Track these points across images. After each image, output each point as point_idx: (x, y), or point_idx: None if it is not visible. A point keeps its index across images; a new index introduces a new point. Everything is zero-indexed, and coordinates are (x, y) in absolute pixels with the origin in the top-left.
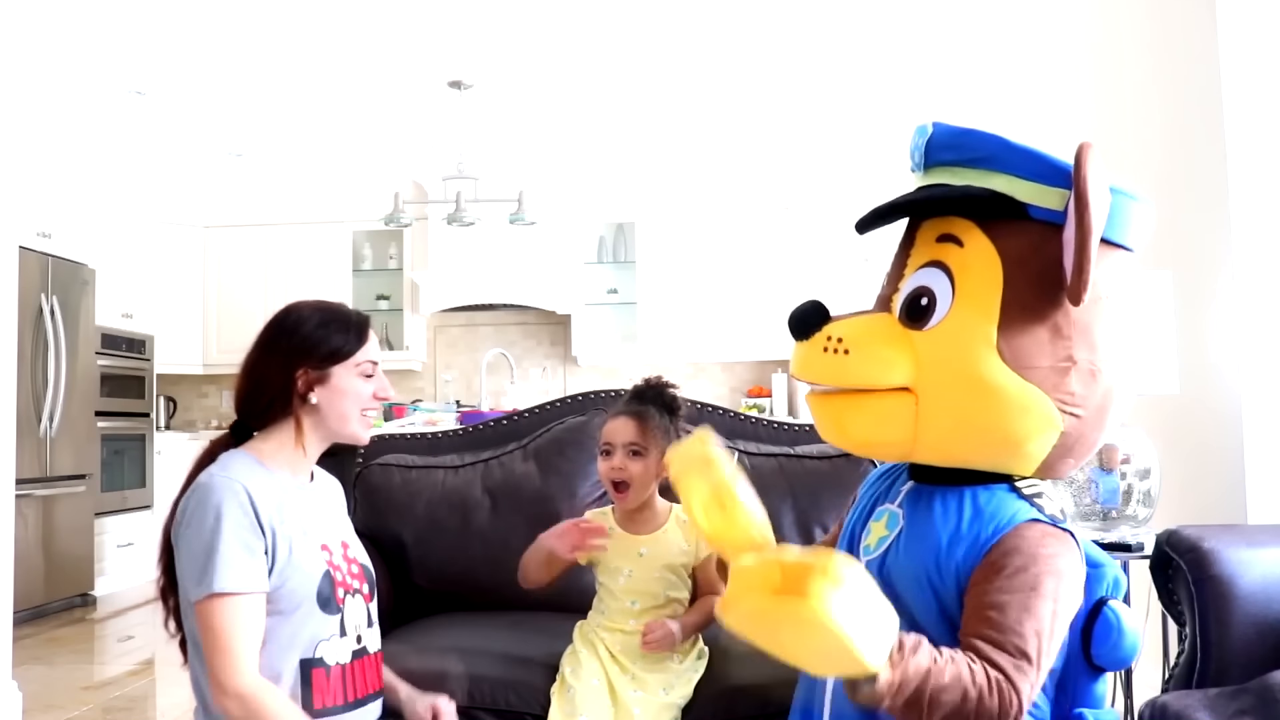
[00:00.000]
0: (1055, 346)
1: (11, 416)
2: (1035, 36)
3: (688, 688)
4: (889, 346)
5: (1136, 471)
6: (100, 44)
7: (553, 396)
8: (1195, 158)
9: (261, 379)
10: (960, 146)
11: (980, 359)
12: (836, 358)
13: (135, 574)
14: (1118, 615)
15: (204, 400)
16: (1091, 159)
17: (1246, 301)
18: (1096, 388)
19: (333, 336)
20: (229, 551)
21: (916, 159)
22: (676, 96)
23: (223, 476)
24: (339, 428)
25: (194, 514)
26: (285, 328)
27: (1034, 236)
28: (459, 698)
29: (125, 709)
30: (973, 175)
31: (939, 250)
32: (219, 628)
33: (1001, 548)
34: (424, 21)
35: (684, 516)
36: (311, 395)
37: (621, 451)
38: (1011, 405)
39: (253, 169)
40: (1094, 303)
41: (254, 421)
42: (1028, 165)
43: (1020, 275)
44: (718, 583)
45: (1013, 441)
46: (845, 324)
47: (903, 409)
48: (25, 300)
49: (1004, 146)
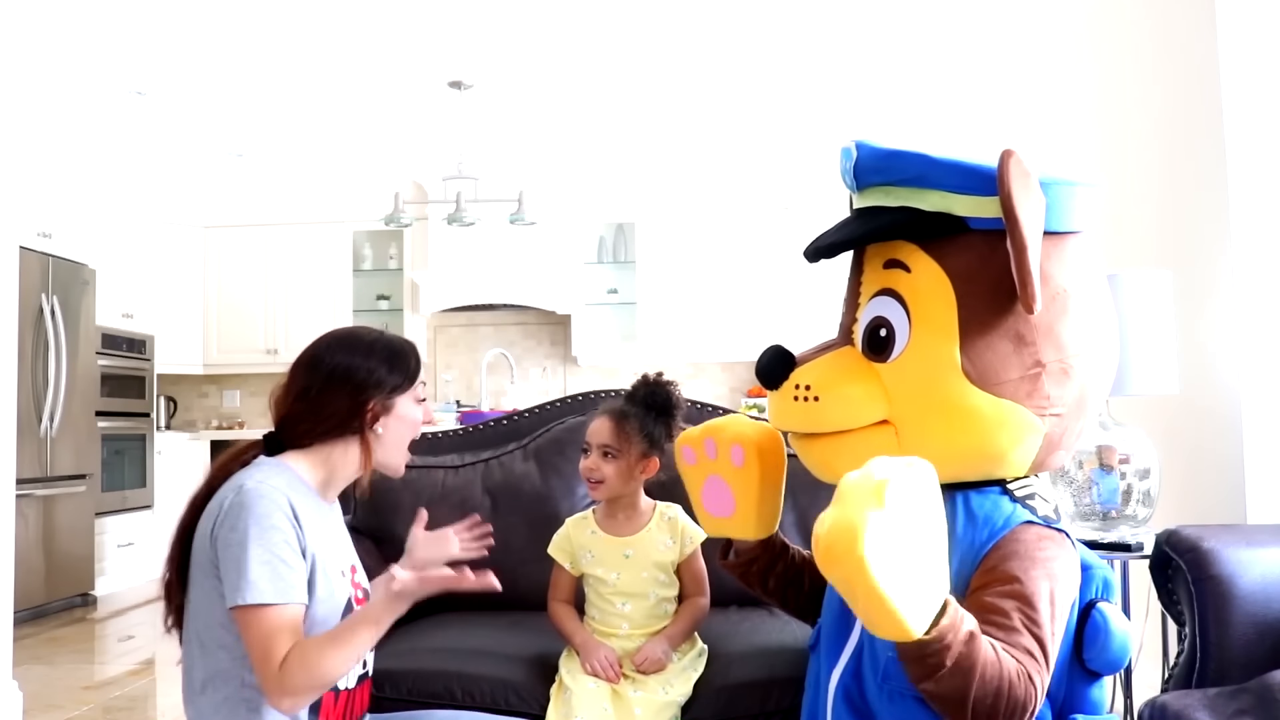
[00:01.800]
0: (1021, 356)
1: (12, 416)
2: (1035, 37)
3: (687, 685)
4: (857, 385)
5: (1136, 471)
6: (100, 44)
7: (553, 396)
8: (1195, 157)
9: (325, 408)
10: (888, 169)
11: (947, 385)
12: (808, 405)
13: (135, 574)
14: (1106, 617)
15: (204, 400)
16: (1013, 170)
17: (1246, 301)
18: (1071, 384)
19: (398, 367)
20: (283, 563)
21: (848, 181)
22: (676, 97)
23: (268, 485)
24: (392, 458)
25: (241, 520)
26: (351, 359)
27: (979, 249)
28: (458, 697)
29: (125, 709)
30: (906, 194)
31: (887, 277)
32: (268, 635)
33: (999, 551)
34: (424, 21)
35: (668, 514)
36: (379, 426)
37: (596, 452)
38: (988, 424)
39: (253, 169)
40: (1053, 300)
41: (298, 442)
42: (958, 179)
43: (972, 291)
44: (703, 580)
45: (996, 455)
46: (811, 369)
47: (885, 443)
48: (25, 300)
49: (931, 164)
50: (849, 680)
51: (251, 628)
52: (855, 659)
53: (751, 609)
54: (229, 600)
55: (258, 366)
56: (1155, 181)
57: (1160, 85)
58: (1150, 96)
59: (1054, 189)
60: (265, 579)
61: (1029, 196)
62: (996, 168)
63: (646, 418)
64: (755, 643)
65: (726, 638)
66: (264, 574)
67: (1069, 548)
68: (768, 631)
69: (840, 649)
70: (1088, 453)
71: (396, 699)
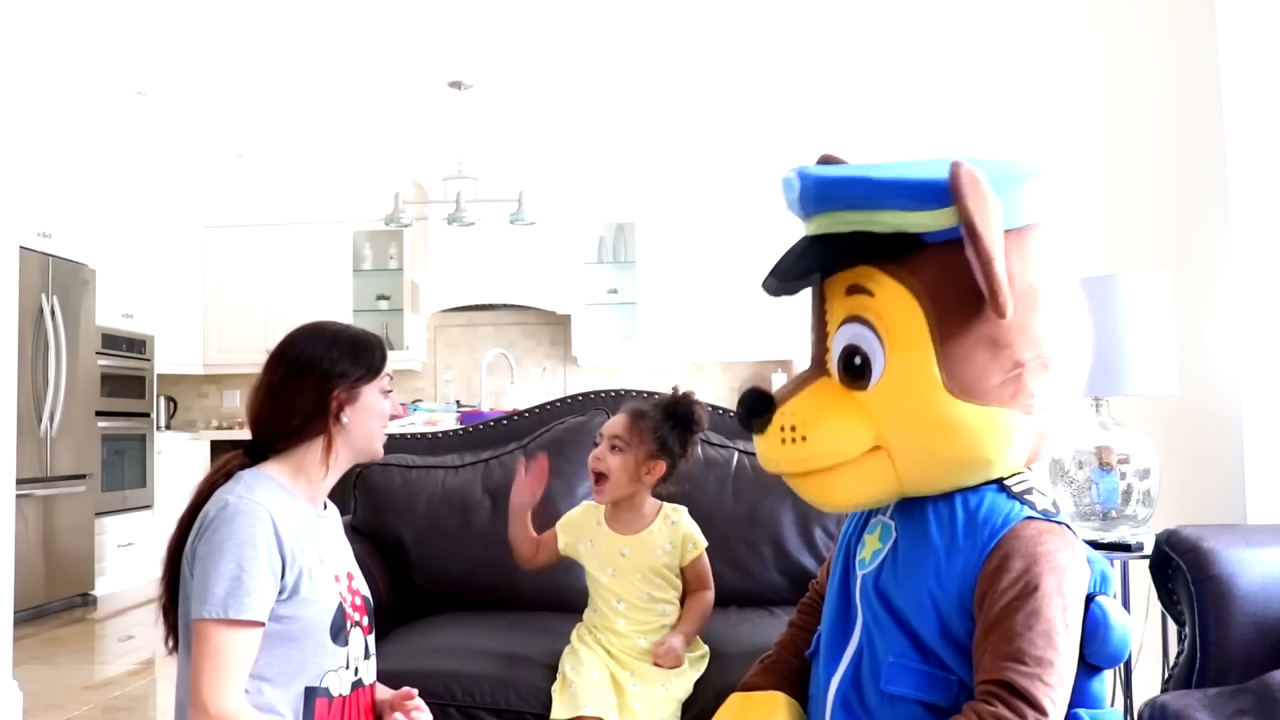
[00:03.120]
0: (1000, 360)
1: (12, 416)
2: (1036, 37)
3: (687, 684)
4: (841, 418)
5: (1136, 471)
6: (100, 44)
7: (553, 396)
8: (1195, 158)
9: (292, 402)
10: (835, 196)
11: (932, 404)
12: (797, 446)
13: (135, 574)
14: (1106, 611)
15: (204, 400)
16: (965, 182)
17: (1246, 301)
18: (1052, 377)
19: (362, 356)
20: (249, 580)
21: (796, 211)
22: (676, 97)
23: (250, 500)
24: (366, 446)
25: (217, 535)
26: (314, 350)
27: (940, 262)
28: (458, 697)
29: (125, 709)
30: (858, 217)
31: (852, 304)
32: (217, 651)
33: (1000, 551)
34: (424, 21)
35: (672, 517)
36: (343, 415)
37: (605, 443)
38: (978, 434)
39: (253, 169)
40: (1021, 298)
41: (276, 443)
42: (906, 195)
43: (940, 305)
44: (706, 577)
45: (990, 461)
46: (794, 407)
47: (880, 467)
48: (25, 300)
49: (878, 186)
50: (848, 688)
51: (206, 641)
52: (854, 665)
53: (751, 609)
54: (193, 613)
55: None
56: (1155, 182)
57: (1160, 85)
58: (1150, 96)
59: (1006, 187)
60: (228, 594)
61: (985, 206)
62: (947, 181)
63: (663, 423)
64: (755, 643)
65: (726, 638)
66: (227, 589)
67: (1070, 538)
68: (768, 631)
69: (839, 656)
70: (1088, 453)
71: None
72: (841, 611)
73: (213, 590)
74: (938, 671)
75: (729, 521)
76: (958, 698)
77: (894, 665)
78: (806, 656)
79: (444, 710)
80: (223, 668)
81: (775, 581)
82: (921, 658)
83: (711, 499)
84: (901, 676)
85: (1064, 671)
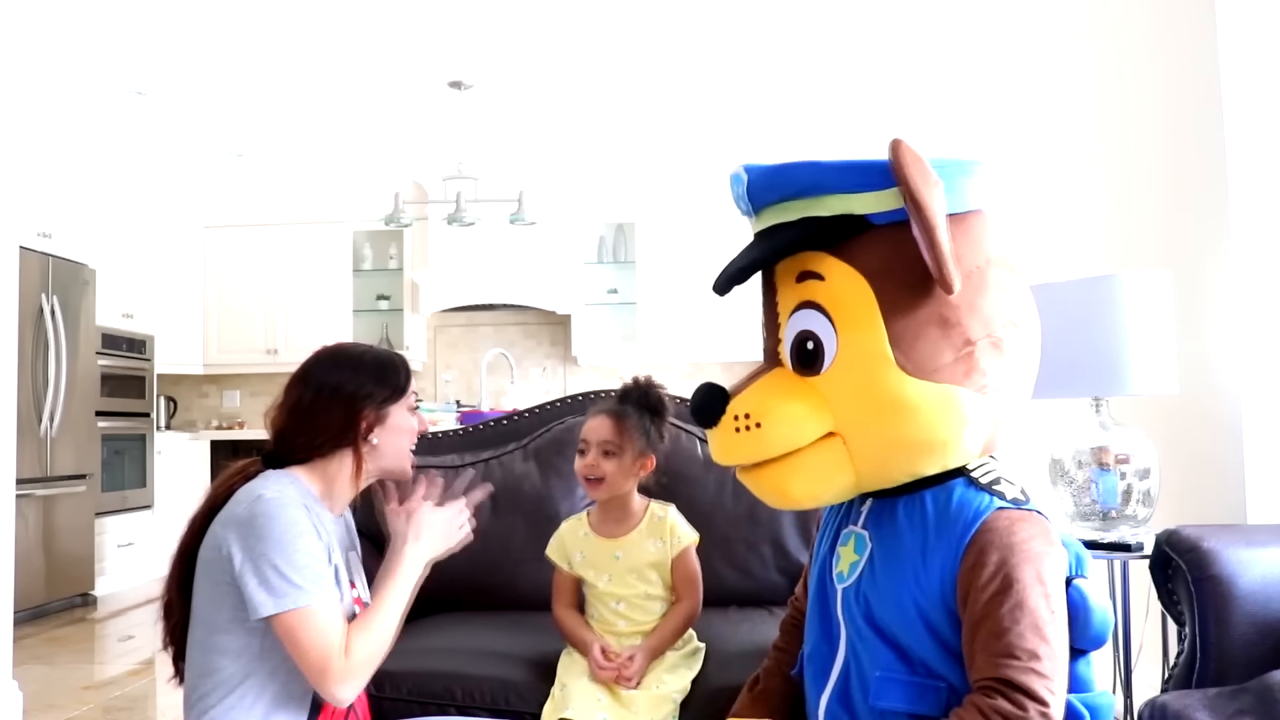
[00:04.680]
0: (950, 338)
1: (12, 416)
2: (1036, 36)
3: (682, 681)
4: (796, 403)
5: (1136, 471)
6: (100, 44)
7: (553, 396)
8: (1195, 158)
9: (318, 423)
10: (780, 185)
11: (886, 382)
12: (751, 435)
13: (135, 574)
14: (1084, 594)
15: (204, 400)
16: (906, 156)
17: (1246, 301)
18: (1004, 356)
19: (388, 378)
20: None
21: (743, 206)
22: (677, 98)
23: (288, 495)
24: (396, 464)
25: (268, 528)
26: (339, 376)
27: (887, 243)
28: (458, 697)
29: (125, 709)
30: (803, 205)
31: (804, 290)
32: (318, 635)
33: (975, 546)
34: (424, 21)
35: (659, 514)
36: (373, 436)
37: (595, 450)
38: (934, 412)
39: (253, 169)
40: (969, 278)
41: (296, 457)
42: (852, 178)
43: (889, 286)
44: (693, 581)
45: (948, 443)
46: (747, 397)
47: (835, 455)
48: (25, 300)
49: (821, 170)
50: (836, 706)
51: (300, 630)
52: (842, 681)
53: (751, 609)
54: (266, 610)
55: (258, 366)
56: (1155, 182)
57: (1160, 85)
58: (1150, 96)
59: (946, 170)
60: (307, 582)
61: (927, 179)
62: (889, 159)
63: (643, 417)
64: (755, 642)
65: (726, 637)
66: (305, 578)
67: (1043, 524)
68: (767, 631)
69: (826, 674)
70: (1087, 453)
71: (396, 699)
72: (824, 628)
73: (292, 581)
74: (926, 681)
75: (729, 521)
76: (948, 705)
77: (881, 679)
78: (793, 677)
79: (444, 710)
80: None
81: (775, 581)
82: (909, 669)
83: (711, 499)
84: (890, 690)
85: (1058, 658)
